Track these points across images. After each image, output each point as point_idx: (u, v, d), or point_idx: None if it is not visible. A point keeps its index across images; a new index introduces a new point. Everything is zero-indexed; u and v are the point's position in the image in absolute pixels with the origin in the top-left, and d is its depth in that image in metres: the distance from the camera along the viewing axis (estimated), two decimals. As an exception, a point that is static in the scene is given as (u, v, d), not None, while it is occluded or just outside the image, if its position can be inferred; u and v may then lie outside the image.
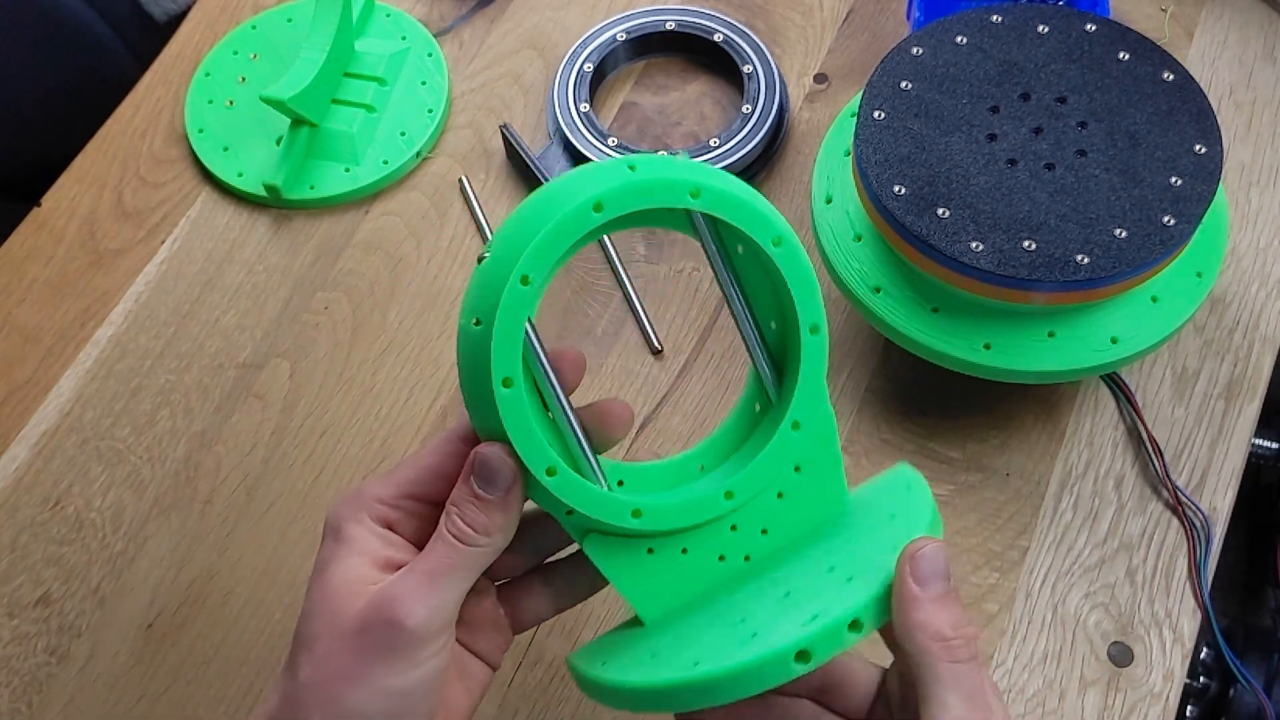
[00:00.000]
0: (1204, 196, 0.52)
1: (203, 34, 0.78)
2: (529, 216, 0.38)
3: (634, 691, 0.39)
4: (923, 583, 0.38)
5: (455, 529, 0.40)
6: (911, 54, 0.57)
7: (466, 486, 0.40)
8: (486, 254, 0.38)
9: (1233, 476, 0.59)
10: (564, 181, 0.39)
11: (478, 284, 0.38)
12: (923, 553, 0.38)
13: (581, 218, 0.37)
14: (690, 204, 0.38)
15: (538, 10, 0.77)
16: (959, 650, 0.37)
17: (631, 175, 0.38)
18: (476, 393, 0.38)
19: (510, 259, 0.37)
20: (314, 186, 0.71)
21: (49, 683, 0.58)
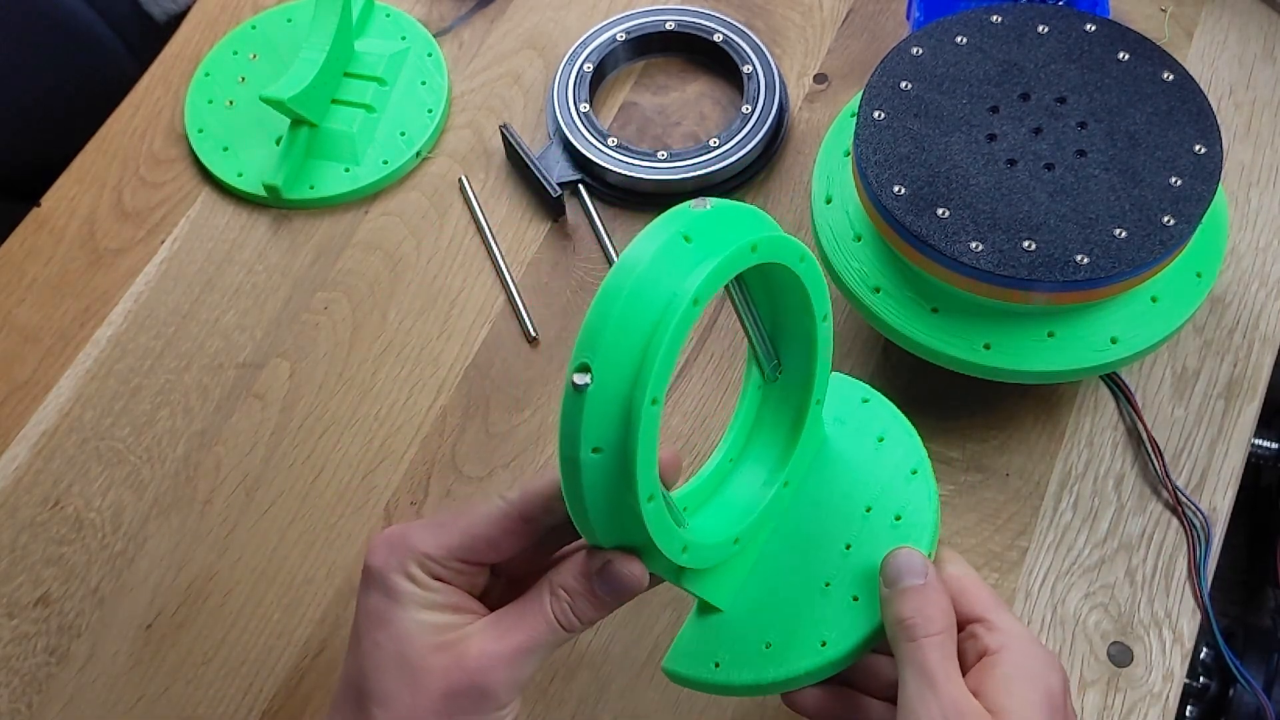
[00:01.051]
0: (1204, 197, 0.52)
1: (202, 34, 0.78)
2: (624, 328, 0.36)
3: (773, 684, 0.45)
4: (890, 583, 0.43)
5: (563, 616, 0.41)
6: (911, 54, 0.57)
7: (585, 583, 0.41)
8: (585, 377, 0.35)
9: (1232, 476, 0.59)
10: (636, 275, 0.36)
11: (592, 413, 0.35)
12: (889, 558, 0.44)
13: (687, 319, 0.36)
14: (753, 260, 0.38)
15: (538, 10, 0.77)
16: (915, 629, 0.41)
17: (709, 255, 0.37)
18: (610, 513, 0.38)
19: (630, 381, 0.35)
20: (314, 186, 0.71)
21: (49, 683, 0.58)
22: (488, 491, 0.61)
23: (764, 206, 0.69)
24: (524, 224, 0.69)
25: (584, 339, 0.36)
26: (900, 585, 0.43)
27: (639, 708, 0.56)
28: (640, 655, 0.56)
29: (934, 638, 0.41)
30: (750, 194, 0.69)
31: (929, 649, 0.41)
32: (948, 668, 0.41)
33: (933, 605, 0.42)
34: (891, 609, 0.43)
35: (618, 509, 0.38)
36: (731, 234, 0.38)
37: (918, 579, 0.43)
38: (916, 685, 0.40)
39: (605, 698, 0.56)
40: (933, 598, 0.42)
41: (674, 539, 0.40)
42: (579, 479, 0.36)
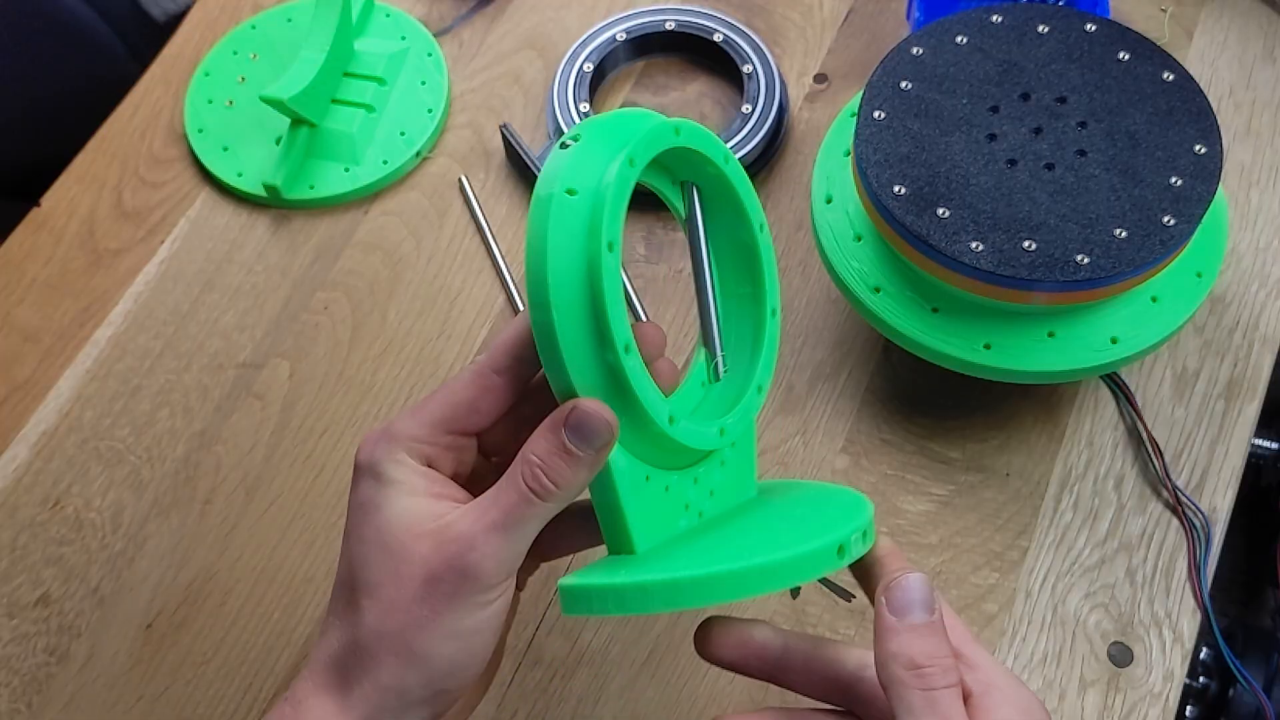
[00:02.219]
0: (1204, 197, 0.52)
1: (202, 34, 0.78)
2: (612, 128, 0.39)
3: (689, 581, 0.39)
4: (899, 612, 0.39)
5: (536, 483, 0.39)
6: (911, 54, 0.57)
7: (555, 438, 0.39)
8: (572, 142, 0.39)
9: (1232, 476, 0.59)
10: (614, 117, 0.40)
11: (573, 161, 0.38)
12: (899, 582, 0.39)
13: (667, 133, 0.40)
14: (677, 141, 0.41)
15: (537, 10, 0.77)
16: (934, 678, 0.38)
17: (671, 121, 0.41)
18: (569, 263, 0.37)
19: (612, 144, 0.39)
20: (314, 186, 0.71)
21: (48, 683, 0.58)
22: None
23: (764, 206, 0.68)
24: (524, 224, 0.69)
25: (570, 134, 0.39)
26: (910, 619, 0.38)
27: (638, 706, 0.56)
28: (639, 654, 0.57)
29: (952, 690, 0.38)
30: (750, 194, 0.69)
31: (952, 703, 0.38)
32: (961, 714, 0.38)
33: (946, 648, 0.38)
34: (900, 647, 0.38)
35: (578, 265, 0.38)
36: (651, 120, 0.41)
37: (927, 614, 0.39)
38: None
39: (604, 696, 0.56)
40: (943, 639, 0.39)
41: (625, 322, 0.39)
42: (547, 217, 0.37)
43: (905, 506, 0.59)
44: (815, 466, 0.60)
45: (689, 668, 0.56)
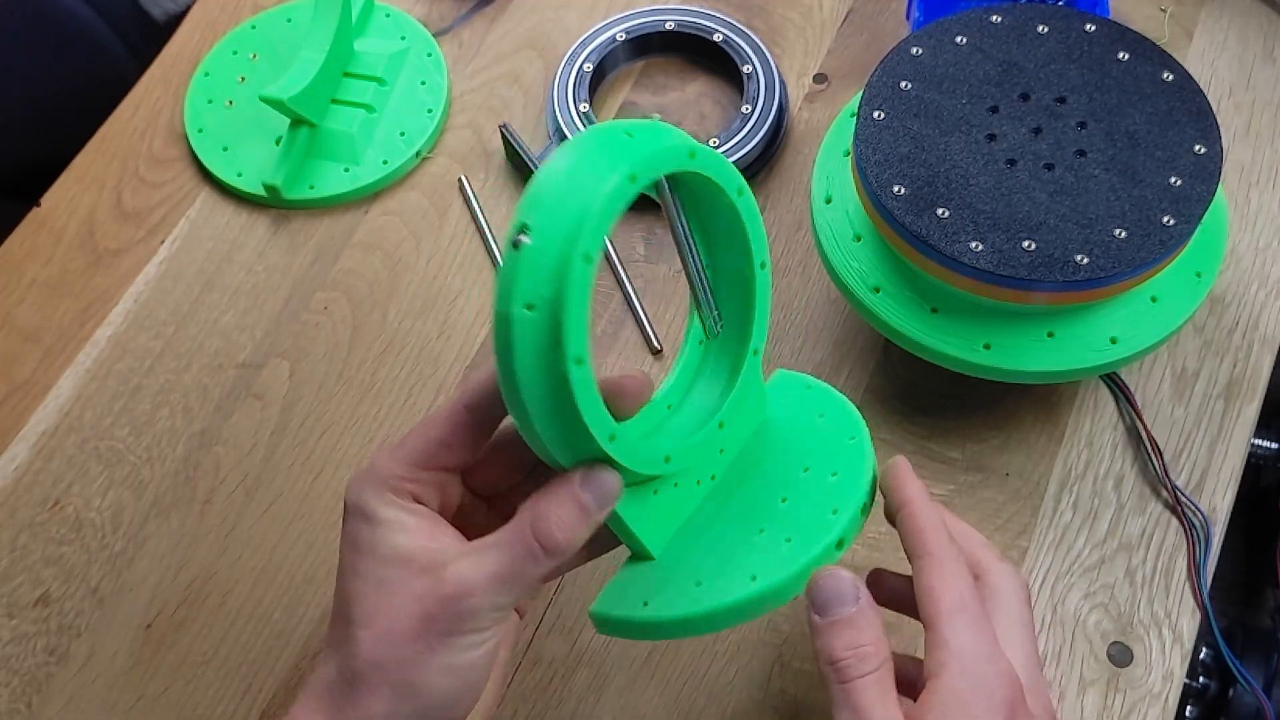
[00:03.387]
0: (1203, 197, 0.52)
1: (202, 34, 0.78)
2: (564, 194, 0.37)
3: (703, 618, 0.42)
4: (821, 611, 0.41)
5: (547, 540, 0.40)
6: (911, 54, 0.57)
7: (569, 499, 0.40)
8: (524, 237, 0.36)
9: (1232, 477, 0.59)
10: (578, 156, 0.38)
11: (527, 268, 0.36)
12: (817, 585, 0.41)
13: (623, 191, 0.37)
14: (689, 165, 0.40)
15: (537, 10, 0.77)
16: (848, 670, 0.39)
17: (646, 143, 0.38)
18: (538, 377, 0.38)
19: (565, 238, 0.36)
20: (314, 186, 0.71)
21: (48, 683, 0.58)
22: (487, 491, 0.61)
23: (764, 206, 0.69)
24: (524, 224, 0.69)
25: (525, 204, 0.37)
26: (831, 616, 0.40)
27: (638, 706, 0.56)
28: (639, 654, 0.57)
29: (868, 677, 0.39)
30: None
31: (864, 691, 0.39)
32: (887, 708, 0.39)
33: (866, 636, 0.40)
34: (822, 644, 0.40)
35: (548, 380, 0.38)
36: (671, 139, 0.40)
37: (849, 606, 0.40)
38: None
39: (604, 696, 0.56)
40: (865, 627, 0.40)
41: (602, 419, 0.39)
42: (510, 336, 0.37)
43: (905, 506, 0.59)
44: (815, 466, 0.60)
45: (689, 668, 0.56)
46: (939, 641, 0.40)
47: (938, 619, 0.41)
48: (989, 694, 0.40)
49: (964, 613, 0.41)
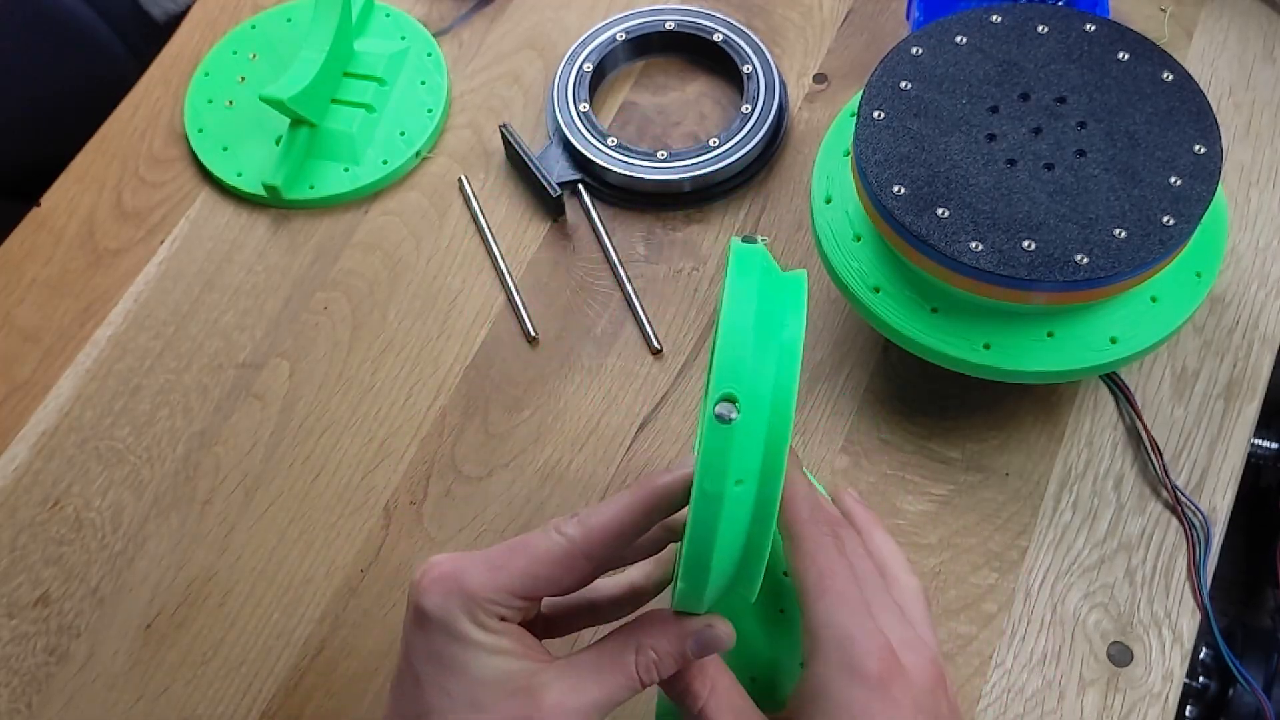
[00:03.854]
0: (1203, 197, 0.52)
1: (202, 34, 0.78)
2: (758, 360, 0.36)
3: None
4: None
5: (648, 675, 0.40)
6: (911, 54, 0.57)
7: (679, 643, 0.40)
8: (733, 413, 0.35)
9: (1232, 476, 0.59)
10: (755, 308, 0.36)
11: (739, 445, 0.35)
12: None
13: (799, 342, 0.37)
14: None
15: (537, 10, 0.77)
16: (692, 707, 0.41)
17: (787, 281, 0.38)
18: (734, 545, 0.37)
19: (774, 408, 0.35)
20: (314, 186, 0.71)
21: (48, 683, 0.58)
22: (487, 492, 0.61)
23: (764, 206, 0.69)
24: (524, 224, 0.69)
25: (723, 373, 0.35)
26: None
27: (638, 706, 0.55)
28: (640, 655, 0.56)
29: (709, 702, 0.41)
30: (750, 194, 0.69)
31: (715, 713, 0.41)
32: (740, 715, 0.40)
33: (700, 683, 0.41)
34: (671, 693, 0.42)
35: (743, 547, 0.37)
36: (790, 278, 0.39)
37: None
38: None
39: (605, 698, 0.56)
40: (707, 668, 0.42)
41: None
42: (718, 513, 0.35)
43: (905, 506, 0.59)
44: (815, 466, 0.60)
45: (688, 668, 0.56)
46: (806, 625, 0.40)
47: (804, 598, 0.41)
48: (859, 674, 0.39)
49: (827, 590, 0.40)
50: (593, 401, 0.63)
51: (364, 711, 0.56)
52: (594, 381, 0.64)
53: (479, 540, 0.60)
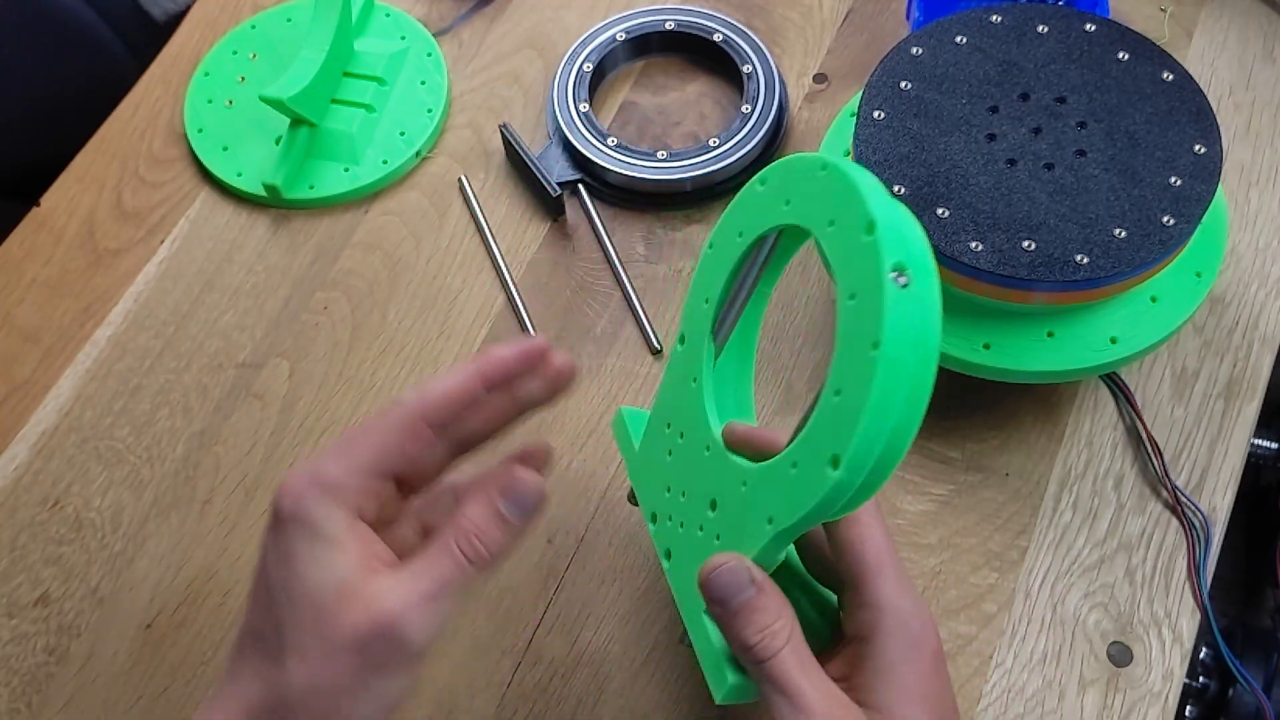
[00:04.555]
0: (1203, 197, 0.52)
1: (202, 34, 0.78)
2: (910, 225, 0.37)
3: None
4: (719, 602, 0.40)
5: (473, 552, 0.40)
6: (911, 54, 0.57)
7: (490, 509, 0.41)
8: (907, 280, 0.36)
9: (1232, 476, 0.59)
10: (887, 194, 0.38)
11: (911, 309, 0.36)
12: (710, 580, 0.40)
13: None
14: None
15: (537, 10, 0.77)
16: (763, 650, 0.39)
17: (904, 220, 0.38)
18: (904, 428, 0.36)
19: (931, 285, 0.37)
20: (313, 186, 0.71)
21: (48, 683, 0.58)
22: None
23: (764, 206, 0.69)
24: (524, 224, 0.70)
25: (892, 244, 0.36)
26: (733, 605, 0.40)
27: (638, 706, 0.56)
28: (639, 654, 0.57)
29: (784, 650, 0.39)
30: (750, 194, 0.69)
31: (784, 665, 0.39)
32: (809, 675, 0.39)
33: (771, 615, 0.40)
34: (733, 634, 0.40)
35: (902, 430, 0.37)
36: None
37: (747, 591, 0.40)
38: (783, 707, 0.39)
39: (604, 697, 0.56)
40: (768, 605, 0.40)
41: None
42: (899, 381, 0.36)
43: (905, 506, 0.59)
44: (815, 466, 0.60)
45: (689, 668, 0.56)
46: (863, 601, 0.41)
47: (861, 577, 0.41)
48: (922, 652, 0.40)
49: (887, 567, 0.41)
50: (593, 401, 0.63)
51: (364, 711, 0.56)
52: (594, 381, 0.64)
53: (479, 540, 0.60)
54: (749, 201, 0.43)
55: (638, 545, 0.59)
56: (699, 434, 0.44)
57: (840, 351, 0.37)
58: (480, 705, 0.56)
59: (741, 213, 0.44)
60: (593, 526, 0.60)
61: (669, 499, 0.45)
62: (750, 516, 0.40)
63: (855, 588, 0.41)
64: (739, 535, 0.41)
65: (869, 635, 0.40)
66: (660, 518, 0.45)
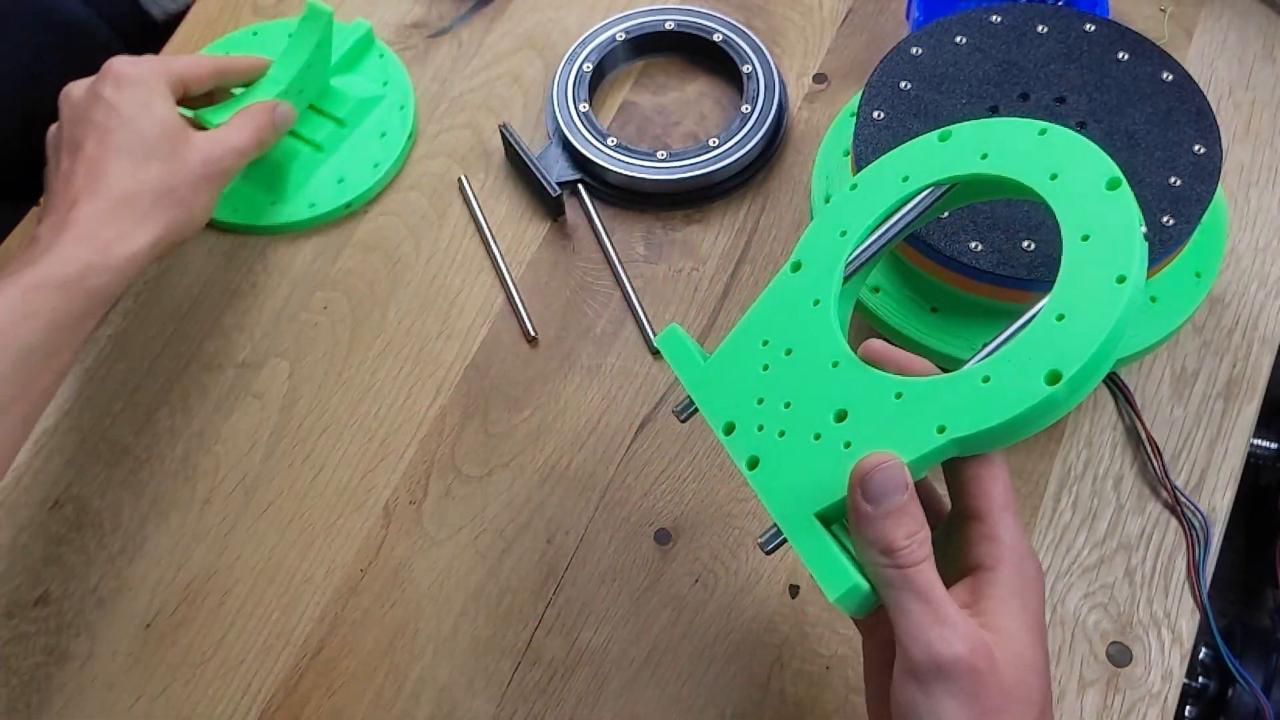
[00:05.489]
0: (1203, 197, 0.52)
1: (201, 34, 0.78)
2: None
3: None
4: (874, 500, 0.40)
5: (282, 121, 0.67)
6: (911, 54, 0.57)
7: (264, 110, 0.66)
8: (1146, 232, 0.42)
9: (1231, 476, 0.59)
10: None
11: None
12: (872, 475, 0.41)
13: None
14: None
15: (537, 10, 0.77)
16: (909, 555, 0.40)
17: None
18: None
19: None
20: (236, 210, 0.70)
21: (48, 683, 0.58)
22: (486, 491, 0.61)
23: (764, 206, 0.69)
24: (523, 224, 0.70)
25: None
26: (885, 506, 0.40)
27: (638, 706, 0.56)
28: (638, 654, 0.57)
29: (928, 560, 0.40)
30: (750, 194, 0.69)
31: (927, 575, 0.40)
32: (942, 590, 0.40)
33: (918, 522, 0.40)
34: (879, 533, 0.40)
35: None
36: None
37: (902, 495, 0.40)
38: (924, 614, 0.39)
39: (603, 696, 0.56)
40: (917, 513, 0.41)
41: None
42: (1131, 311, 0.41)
43: (904, 506, 0.59)
44: (814, 466, 0.60)
45: (688, 668, 0.56)
46: (990, 534, 0.42)
47: (990, 513, 0.42)
48: (1037, 588, 0.42)
49: (1010, 509, 0.43)
50: (592, 401, 0.63)
51: (364, 711, 0.56)
52: (594, 381, 0.64)
53: (479, 539, 0.60)
54: (923, 151, 0.47)
55: (637, 545, 0.59)
56: (822, 351, 0.46)
57: (1067, 282, 0.42)
58: (480, 705, 0.56)
59: (910, 160, 0.47)
60: (593, 526, 0.60)
61: (760, 409, 0.46)
62: (909, 425, 0.42)
63: (981, 521, 0.42)
64: (887, 442, 0.42)
65: (995, 566, 0.41)
66: (741, 428, 0.46)
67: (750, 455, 0.46)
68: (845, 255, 0.47)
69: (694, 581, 0.58)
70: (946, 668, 0.38)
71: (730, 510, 0.60)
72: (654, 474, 0.61)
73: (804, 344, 0.46)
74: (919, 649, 0.39)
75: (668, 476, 0.61)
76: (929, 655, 0.39)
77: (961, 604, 0.41)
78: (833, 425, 0.44)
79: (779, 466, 0.45)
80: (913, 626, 0.39)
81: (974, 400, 0.41)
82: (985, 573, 0.41)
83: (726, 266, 0.67)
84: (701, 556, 0.59)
